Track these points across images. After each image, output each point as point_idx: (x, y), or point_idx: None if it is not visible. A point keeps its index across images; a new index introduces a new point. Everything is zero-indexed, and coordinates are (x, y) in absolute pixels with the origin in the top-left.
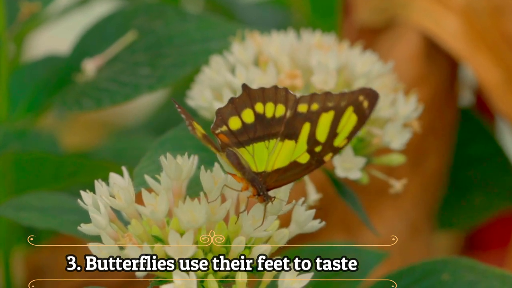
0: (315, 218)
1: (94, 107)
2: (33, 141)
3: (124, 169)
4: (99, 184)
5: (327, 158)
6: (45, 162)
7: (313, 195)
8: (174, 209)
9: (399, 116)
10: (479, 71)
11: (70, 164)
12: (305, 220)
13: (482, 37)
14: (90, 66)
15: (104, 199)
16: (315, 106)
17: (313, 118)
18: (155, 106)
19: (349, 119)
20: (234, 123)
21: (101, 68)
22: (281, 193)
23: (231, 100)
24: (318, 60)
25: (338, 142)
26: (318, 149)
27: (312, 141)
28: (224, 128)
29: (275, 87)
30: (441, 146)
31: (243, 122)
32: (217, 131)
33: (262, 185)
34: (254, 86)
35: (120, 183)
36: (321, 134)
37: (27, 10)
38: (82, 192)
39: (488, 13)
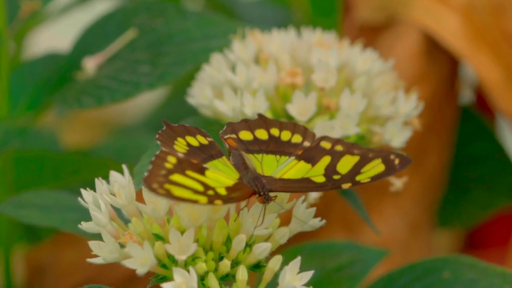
0: (315, 216)
1: (95, 105)
2: (33, 139)
3: (124, 167)
4: (99, 182)
5: (345, 186)
6: (46, 160)
7: (314, 194)
8: (174, 207)
9: (400, 114)
10: (480, 69)
11: (71, 162)
12: (305, 218)
13: (482, 35)
14: (90, 64)
15: (105, 197)
16: (339, 148)
17: (335, 155)
18: (155, 104)
19: (377, 166)
20: (245, 135)
21: (102, 66)
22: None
23: (245, 120)
24: (318, 58)
25: (361, 178)
26: (336, 177)
27: (330, 169)
28: (234, 136)
29: (294, 123)
30: (441, 144)
31: (255, 137)
32: (225, 137)
33: (264, 186)
34: (255, 84)
35: (120, 181)
36: (343, 168)
37: (28, 8)
38: (82, 190)
39: (488, 11)
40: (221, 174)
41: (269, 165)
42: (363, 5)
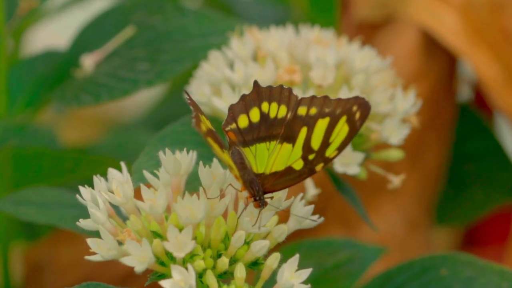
0: (313, 213)
1: (93, 103)
2: (32, 136)
3: (122, 164)
4: (98, 180)
5: (318, 168)
6: (44, 157)
7: (312, 191)
8: (173, 204)
9: (398, 111)
10: (478, 67)
11: (69, 159)
12: (303, 215)
13: (481, 33)
14: (88, 62)
15: (103, 194)
16: (313, 110)
17: (310, 123)
18: (153, 102)
19: (342, 129)
20: (243, 121)
21: (100, 64)
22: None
23: (243, 97)
24: (316, 55)
25: (329, 152)
26: (311, 157)
27: (306, 147)
28: (234, 125)
29: (281, 86)
30: (439, 141)
31: (250, 121)
32: (227, 129)
33: (259, 188)
34: (253, 81)
35: (119, 179)
36: (316, 141)
37: (26, 5)
38: (81, 188)
39: (487, 9)
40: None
41: (261, 158)
42: (361, 2)
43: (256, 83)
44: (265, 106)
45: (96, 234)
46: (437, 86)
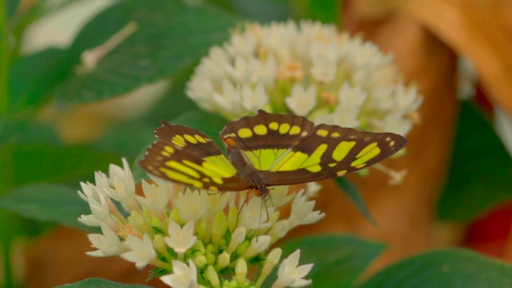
0: (314, 209)
1: (94, 99)
2: (33, 133)
3: (124, 160)
4: (99, 176)
5: (340, 173)
6: (45, 154)
7: (313, 187)
8: (174, 200)
9: (399, 107)
10: (479, 63)
11: (70, 156)
12: (305, 211)
13: (481, 29)
14: (90, 58)
15: (104, 190)
16: (336, 135)
17: (331, 142)
18: (155, 98)
19: (372, 150)
20: (244, 133)
21: (101, 60)
22: (281, 185)
23: (246, 118)
24: (318, 51)
25: (356, 164)
26: (332, 165)
27: (326, 157)
28: (233, 135)
29: (293, 115)
30: (440, 138)
31: (254, 133)
32: (225, 137)
33: (260, 180)
34: (254, 77)
35: (120, 175)
36: (338, 155)
37: (27, 2)
38: (82, 184)
39: (487, 5)
40: (218, 167)
41: (267, 160)
42: None
43: (261, 110)
44: (273, 125)
45: (97, 230)
46: (438, 82)
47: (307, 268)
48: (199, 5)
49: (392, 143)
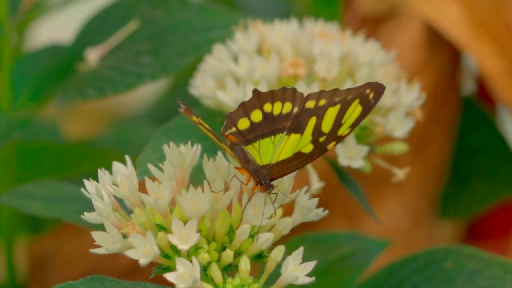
0: (317, 207)
1: (97, 96)
2: (35, 130)
3: (127, 157)
4: (102, 173)
5: (330, 146)
6: (48, 151)
7: (316, 184)
8: (177, 197)
9: (402, 104)
10: (481, 60)
11: (73, 153)
12: (308, 208)
13: (484, 26)
14: (92, 55)
15: (108, 187)
16: (322, 102)
17: (319, 112)
18: (157, 95)
19: (355, 110)
20: (243, 124)
21: (104, 57)
22: (285, 182)
23: (242, 104)
24: (320, 49)
25: (342, 131)
26: (322, 139)
27: (317, 132)
28: (234, 129)
29: (284, 88)
30: (443, 134)
31: (251, 122)
32: (226, 133)
33: (264, 175)
34: (257, 74)
35: (123, 172)
36: (326, 126)
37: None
38: (85, 181)
39: (490, 2)
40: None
41: (266, 151)
42: None
43: (255, 90)
44: (267, 106)
45: (100, 227)
46: (440, 79)
47: (311, 265)
48: (202, 3)
49: (371, 95)
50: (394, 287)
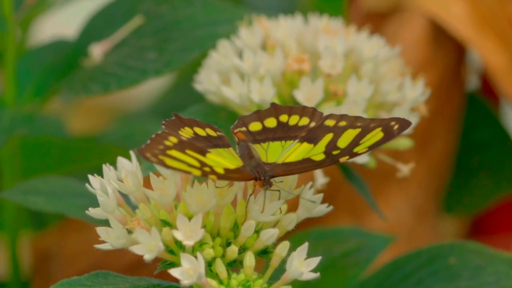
0: (322, 202)
1: (101, 92)
2: (40, 125)
3: (132, 153)
4: (107, 168)
5: (342, 159)
6: (52, 147)
7: (321, 179)
8: (182, 193)
9: (407, 100)
10: (486, 55)
11: (77, 148)
12: (313, 204)
13: (488, 21)
14: (97, 51)
15: (112, 183)
16: (343, 123)
17: (338, 131)
18: (162, 91)
19: (376, 135)
20: (255, 126)
21: (108, 53)
22: (289, 179)
23: (257, 111)
24: (325, 44)
25: (358, 149)
26: (335, 152)
27: (331, 146)
28: (244, 128)
29: (303, 106)
30: (448, 130)
31: (263, 126)
32: (235, 131)
33: (265, 171)
34: (262, 70)
35: (128, 167)
36: (343, 143)
37: None
38: (90, 176)
39: None
40: (223, 159)
41: (274, 152)
42: None
43: (274, 103)
44: (284, 117)
45: (105, 223)
46: (445, 75)
47: (315, 261)
48: None
49: (396, 127)
50: (398, 282)
